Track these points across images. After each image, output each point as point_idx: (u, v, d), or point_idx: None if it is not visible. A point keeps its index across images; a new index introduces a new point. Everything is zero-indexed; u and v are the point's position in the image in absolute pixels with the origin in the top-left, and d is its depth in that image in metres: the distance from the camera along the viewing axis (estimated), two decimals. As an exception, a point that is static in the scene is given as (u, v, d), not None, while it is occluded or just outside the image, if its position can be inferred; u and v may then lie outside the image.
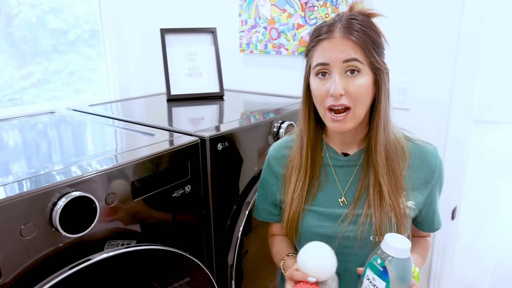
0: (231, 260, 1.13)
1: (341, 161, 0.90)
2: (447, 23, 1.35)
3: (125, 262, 0.86)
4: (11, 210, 0.69)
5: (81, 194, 0.77)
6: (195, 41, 1.58)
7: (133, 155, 0.90)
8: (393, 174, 0.84)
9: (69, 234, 0.76)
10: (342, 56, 0.78)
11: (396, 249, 0.71)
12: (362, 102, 0.80)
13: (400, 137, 0.88)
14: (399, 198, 0.84)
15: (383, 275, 0.72)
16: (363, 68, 0.79)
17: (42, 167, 0.83)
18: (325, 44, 0.80)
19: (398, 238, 0.73)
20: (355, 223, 0.84)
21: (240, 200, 1.16)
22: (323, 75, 0.81)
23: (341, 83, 0.78)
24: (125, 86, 2.14)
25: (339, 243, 0.85)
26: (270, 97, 1.63)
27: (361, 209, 0.85)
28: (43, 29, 1.81)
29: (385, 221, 0.82)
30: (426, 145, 0.90)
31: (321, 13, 1.57)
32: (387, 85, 0.83)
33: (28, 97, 1.80)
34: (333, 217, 0.87)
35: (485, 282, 2.33)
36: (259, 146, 1.21)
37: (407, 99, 1.47)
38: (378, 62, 0.80)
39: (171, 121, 1.29)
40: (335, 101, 0.79)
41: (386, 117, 0.83)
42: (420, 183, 0.87)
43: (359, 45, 0.78)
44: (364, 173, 0.87)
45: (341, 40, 0.78)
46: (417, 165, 0.87)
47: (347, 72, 0.79)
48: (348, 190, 0.88)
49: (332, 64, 0.79)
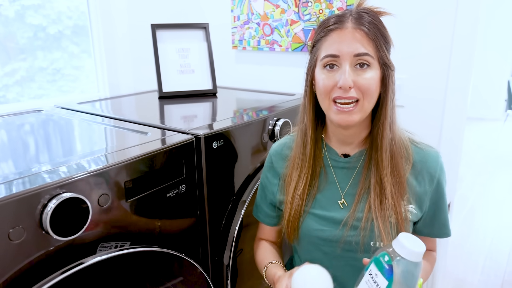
0: (227, 260, 1.11)
1: (341, 163, 0.88)
2: (442, 22, 1.35)
3: (119, 265, 0.83)
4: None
5: (72, 195, 0.73)
6: (187, 37, 1.55)
7: (126, 154, 0.87)
8: (397, 173, 0.82)
9: (60, 237, 0.73)
10: (353, 49, 0.75)
11: (409, 251, 0.66)
12: (371, 95, 0.78)
13: (405, 138, 0.86)
14: (401, 200, 0.82)
15: (387, 273, 0.68)
16: (373, 63, 0.77)
17: (30, 168, 0.80)
18: (335, 35, 0.77)
19: (413, 240, 0.68)
20: (356, 228, 0.82)
21: (236, 199, 1.14)
22: (331, 67, 0.78)
23: (351, 75, 0.76)
24: (115, 83, 2.09)
25: (341, 247, 0.84)
26: (264, 94, 1.61)
27: (361, 213, 0.83)
28: (23, 25, 1.75)
29: (386, 225, 0.80)
30: (428, 149, 0.87)
31: (315, 8, 1.55)
32: (394, 82, 0.81)
33: (12, 95, 1.74)
34: (333, 221, 0.85)
35: (475, 277, 2.35)
36: (254, 144, 1.19)
37: (401, 96, 1.47)
38: (388, 58, 0.78)
39: (164, 119, 1.26)
40: (343, 93, 0.76)
41: (392, 114, 0.82)
42: (420, 189, 0.85)
43: (370, 38, 0.76)
44: (364, 174, 0.85)
45: (353, 31, 0.76)
46: (419, 168, 0.85)
47: (357, 66, 0.76)
48: (348, 192, 0.86)
49: (343, 57, 0.76)
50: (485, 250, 2.64)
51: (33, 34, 1.79)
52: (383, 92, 0.81)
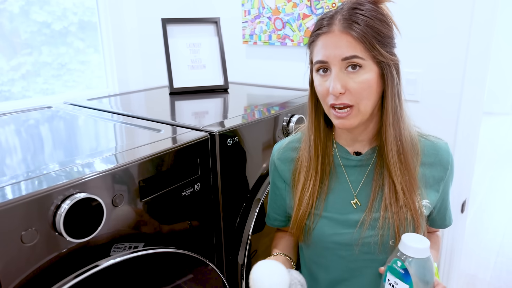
0: (242, 259, 1.09)
1: (353, 161, 0.85)
2: (459, 12, 1.31)
3: (133, 266, 0.81)
4: (10, 215, 0.64)
5: (86, 196, 0.71)
6: (197, 32, 1.52)
7: (140, 152, 0.85)
8: (406, 171, 0.79)
9: (74, 239, 0.71)
10: (340, 53, 0.73)
11: (416, 249, 0.69)
12: (366, 97, 0.75)
13: (414, 134, 0.84)
14: (414, 196, 0.80)
15: (405, 277, 0.69)
16: (365, 63, 0.73)
17: (42, 167, 0.77)
18: (323, 40, 0.75)
19: (416, 238, 0.71)
20: (374, 228, 0.80)
21: (250, 197, 1.12)
22: (324, 72, 0.76)
23: (340, 81, 0.73)
24: (124, 79, 2.06)
25: (359, 249, 0.81)
26: (276, 90, 1.58)
27: (377, 213, 0.80)
28: (27, 20, 1.73)
29: (403, 223, 0.79)
30: (438, 140, 0.86)
31: (327, 2, 1.52)
32: (395, 78, 0.76)
33: (17, 89, 1.73)
34: (349, 223, 0.82)
35: (487, 273, 2.33)
36: (268, 141, 1.16)
37: (416, 91, 1.43)
38: (383, 55, 0.74)
39: (176, 115, 1.23)
40: (336, 100, 0.75)
41: (395, 112, 0.78)
42: (433, 181, 0.84)
43: (358, 39, 0.72)
44: (377, 172, 0.82)
45: (339, 35, 0.73)
46: (430, 162, 0.83)
47: (348, 68, 0.74)
48: (361, 191, 0.84)
49: (331, 62, 0.74)
50: (496, 246, 2.61)
51: (38, 29, 1.77)
52: (384, 89, 0.78)
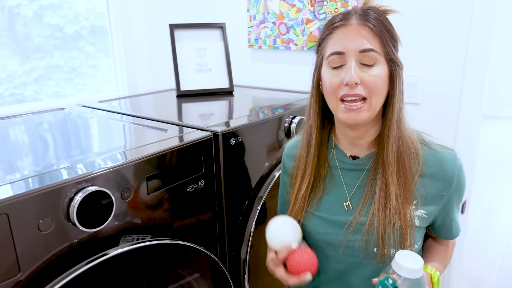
0: (244, 255, 1.13)
1: (349, 165, 0.85)
2: (458, 16, 1.34)
3: (140, 256, 0.86)
4: (29, 204, 0.70)
5: (97, 189, 0.77)
6: (204, 37, 1.58)
7: (148, 150, 0.90)
8: (403, 175, 0.79)
9: (86, 228, 0.76)
10: (358, 45, 0.74)
11: (408, 269, 0.66)
12: (378, 93, 0.76)
13: (415, 139, 0.82)
14: (407, 203, 0.78)
15: None
16: (379, 59, 0.75)
17: (58, 163, 0.84)
18: (340, 32, 0.76)
19: (410, 256, 0.68)
20: (359, 232, 0.80)
21: (253, 195, 1.16)
22: (337, 66, 0.77)
23: (357, 72, 0.74)
24: (133, 83, 2.14)
25: (343, 251, 0.82)
26: (280, 93, 1.62)
27: (365, 217, 0.80)
28: (40, 24, 1.80)
29: (388, 230, 0.77)
30: (444, 150, 0.82)
31: (330, 7, 1.56)
32: (401, 80, 0.79)
33: (29, 92, 1.80)
34: (337, 224, 0.83)
35: (492, 275, 2.33)
36: (270, 141, 1.21)
37: (417, 94, 1.47)
38: (395, 54, 0.77)
39: (182, 116, 1.29)
40: (350, 91, 0.74)
41: (399, 113, 0.79)
42: (433, 193, 0.80)
43: (376, 33, 0.74)
44: (372, 176, 0.82)
45: (358, 27, 0.75)
46: (432, 173, 0.80)
47: (364, 61, 0.75)
48: (354, 194, 0.84)
49: (348, 53, 0.75)
50: (502, 249, 2.61)
51: (50, 33, 1.84)
52: (391, 89, 0.79)
